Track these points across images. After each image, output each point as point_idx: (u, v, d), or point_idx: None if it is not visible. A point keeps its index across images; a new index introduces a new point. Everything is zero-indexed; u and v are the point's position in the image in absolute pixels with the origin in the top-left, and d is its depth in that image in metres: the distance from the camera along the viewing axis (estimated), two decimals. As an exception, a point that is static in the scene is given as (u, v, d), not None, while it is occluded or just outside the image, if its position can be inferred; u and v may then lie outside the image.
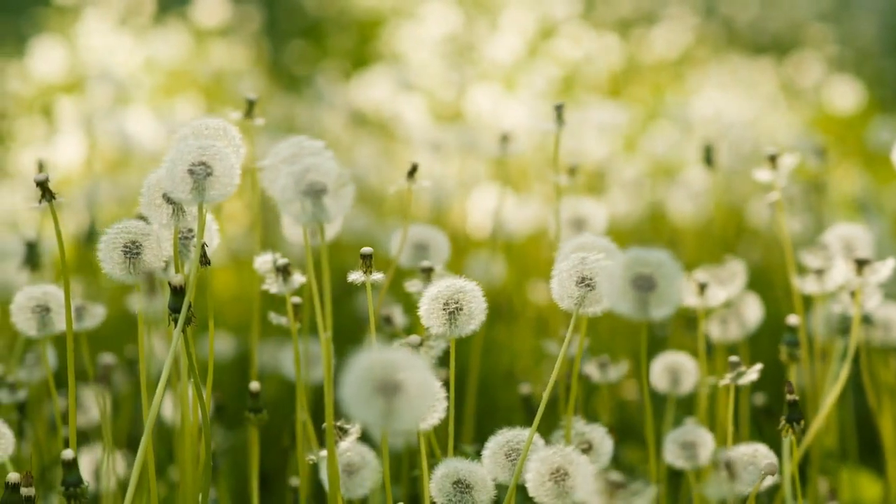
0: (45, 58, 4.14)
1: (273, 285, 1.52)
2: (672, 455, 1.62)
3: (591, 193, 2.69)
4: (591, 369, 1.78)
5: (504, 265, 2.49)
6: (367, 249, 1.43)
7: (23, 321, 1.55)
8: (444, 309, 1.43)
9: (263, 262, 1.54)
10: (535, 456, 1.37)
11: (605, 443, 1.54)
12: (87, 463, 1.79)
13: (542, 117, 2.94)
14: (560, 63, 3.60)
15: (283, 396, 2.39)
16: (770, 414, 1.91)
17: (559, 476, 1.36)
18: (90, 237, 2.55)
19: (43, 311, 1.54)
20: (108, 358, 1.21)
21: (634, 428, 2.27)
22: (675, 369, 1.76)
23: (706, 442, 1.62)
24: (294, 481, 1.71)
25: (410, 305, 1.83)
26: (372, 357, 1.07)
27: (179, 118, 3.00)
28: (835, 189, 3.06)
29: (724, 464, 1.19)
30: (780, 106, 3.65)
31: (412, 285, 1.57)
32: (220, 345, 2.50)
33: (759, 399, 1.89)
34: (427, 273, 1.58)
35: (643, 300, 1.22)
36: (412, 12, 4.99)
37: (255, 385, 1.56)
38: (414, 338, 1.55)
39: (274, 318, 1.57)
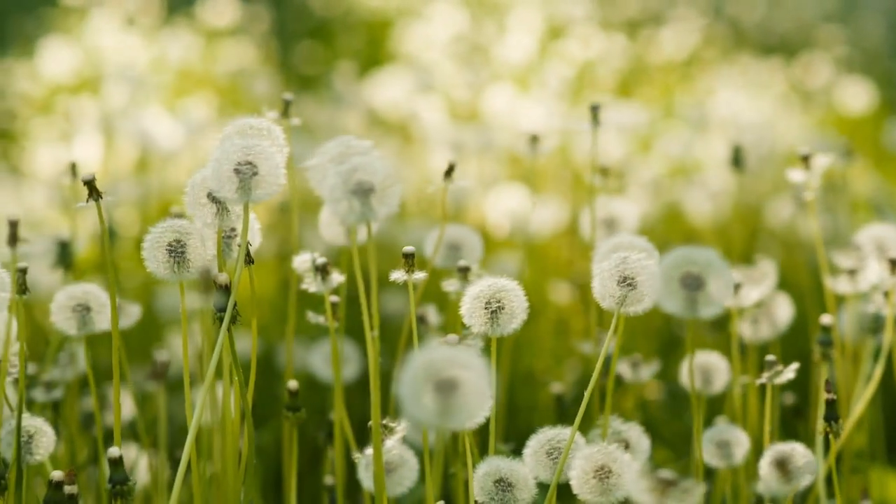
0: (55, 58, 4.14)
1: (312, 284, 1.53)
2: (708, 454, 1.62)
3: (609, 194, 2.70)
4: (623, 369, 1.79)
5: (524, 265, 2.50)
6: (409, 248, 1.44)
7: (62, 321, 1.55)
8: (485, 308, 1.43)
9: (302, 261, 1.55)
10: (579, 454, 1.38)
11: (641, 441, 1.55)
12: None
13: (559, 117, 2.95)
14: (571, 63, 3.60)
15: (305, 395, 2.39)
16: (798, 413, 1.92)
17: (603, 474, 1.37)
18: (110, 237, 2.54)
19: (83, 310, 1.54)
20: (163, 354, 1.22)
21: (657, 427, 2.28)
22: (707, 369, 1.77)
23: (741, 441, 1.63)
24: (329, 480, 1.71)
25: (444, 305, 1.85)
26: (430, 355, 1.08)
27: (196, 118, 3.00)
28: (849, 189, 3.07)
29: (776, 462, 1.20)
30: (791, 107, 3.65)
31: (449, 284, 1.58)
32: (241, 344, 2.50)
33: (788, 399, 1.90)
34: (464, 272, 1.58)
35: (692, 299, 1.23)
36: (419, 12, 4.99)
37: (293, 384, 1.56)
38: (452, 337, 1.56)
39: (312, 317, 1.58)
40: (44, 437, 1.49)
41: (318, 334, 2.33)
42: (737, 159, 2.09)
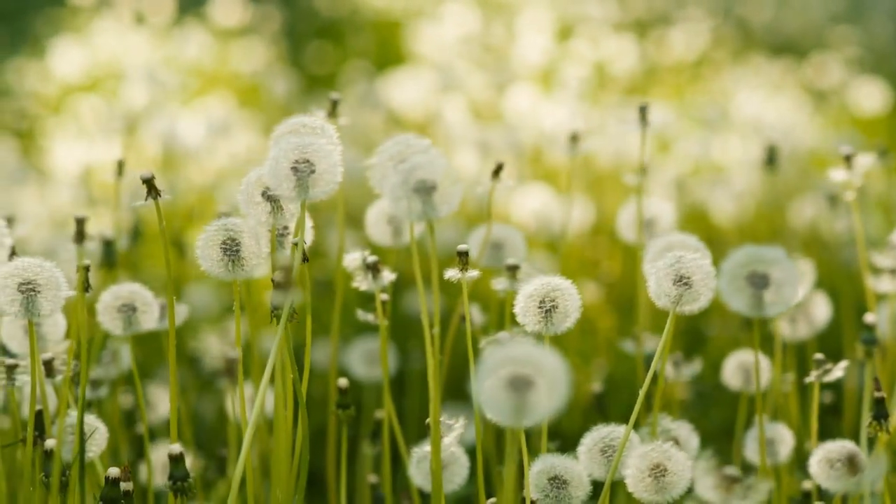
0: (66, 57, 4.14)
1: (363, 282, 1.53)
2: (753, 452, 1.63)
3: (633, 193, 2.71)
4: (667, 367, 1.80)
5: (551, 264, 2.50)
6: (463, 246, 1.44)
7: (109, 321, 1.56)
8: (539, 307, 1.44)
9: (352, 259, 1.55)
10: (634, 452, 1.38)
11: (691, 439, 1.56)
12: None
13: (583, 118, 2.96)
14: (586, 64, 3.61)
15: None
16: (835, 412, 1.93)
17: (658, 472, 1.37)
18: (134, 236, 2.55)
19: (129, 310, 1.55)
20: (233, 352, 1.22)
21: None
22: (748, 368, 1.78)
23: (786, 439, 1.64)
24: (372, 478, 1.72)
25: (485, 304, 1.85)
26: (506, 352, 1.08)
27: (219, 117, 3.01)
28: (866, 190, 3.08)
29: (847, 459, 1.20)
30: (805, 107, 3.66)
31: (498, 283, 1.58)
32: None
33: (826, 397, 1.91)
34: (512, 271, 1.59)
35: (758, 297, 1.24)
36: (427, 12, 5.00)
37: (343, 381, 1.57)
38: (503, 335, 1.56)
39: (361, 315, 1.58)
40: (97, 434, 1.49)
41: (349, 333, 2.33)
42: (771, 159, 2.09)
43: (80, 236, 1.33)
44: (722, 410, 2.24)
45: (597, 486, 1.45)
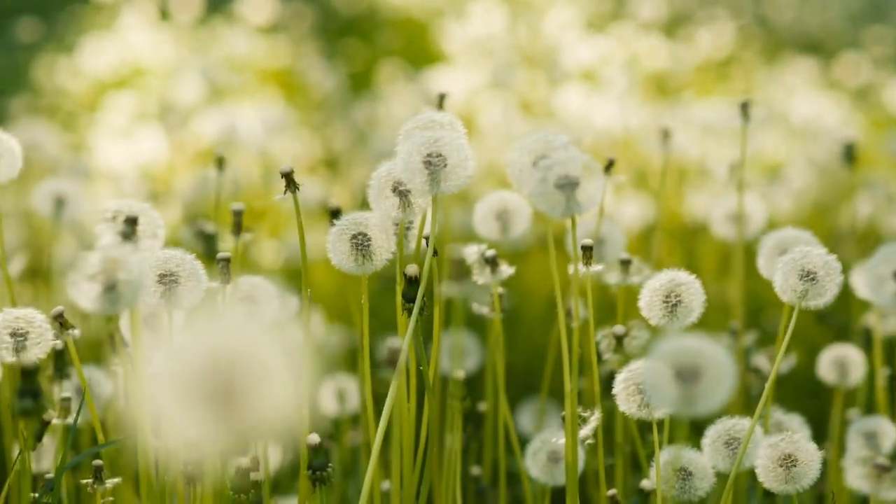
0: (96, 54, 4.15)
1: (481, 276, 1.54)
2: (856, 445, 1.65)
3: (692, 191, 2.73)
4: (762, 361, 1.82)
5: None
6: (587, 241, 1.46)
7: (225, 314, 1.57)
8: (664, 301, 1.46)
9: (470, 252, 1.57)
10: (764, 443, 1.40)
11: (803, 431, 1.58)
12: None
13: (636, 115, 2.98)
14: (632, 62, 3.63)
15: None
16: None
17: (789, 462, 1.40)
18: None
19: (251, 303, 1.56)
20: (395, 342, 1.23)
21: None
22: (843, 362, 1.80)
23: (888, 432, 1.66)
24: (476, 470, 1.74)
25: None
26: (674, 343, 1.10)
27: (273, 113, 3.02)
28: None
29: None
30: (844, 106, 3.69)
31: (611, 277, 1.60)
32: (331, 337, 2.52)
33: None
34: (625, 265, 1.61)
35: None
36: (449, 11, 5.02)
37: (460, 373, 1.59)
38: (618, 328, 1.58)
39: (476, 308, 1.60)
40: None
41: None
42: (849, 155, 2.12)
43: (238, 228, 1.34)
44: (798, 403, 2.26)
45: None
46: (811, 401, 2.31)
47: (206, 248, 1.77)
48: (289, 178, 1.38)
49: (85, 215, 2.22)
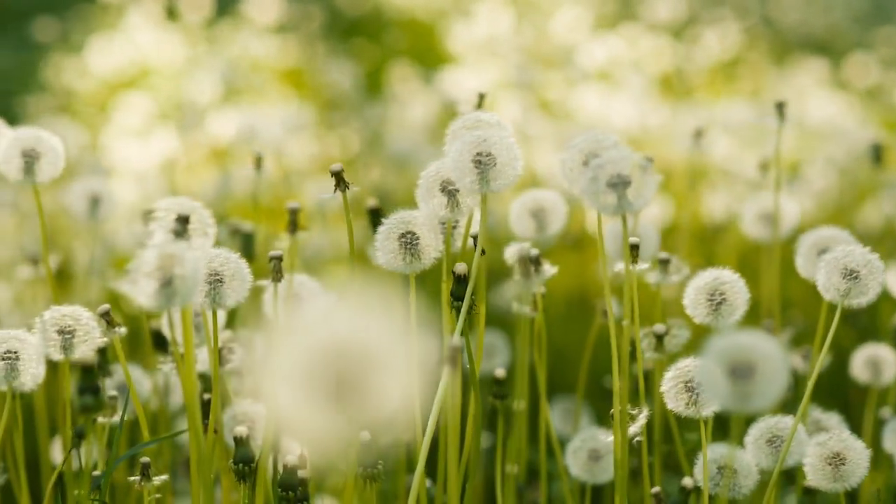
0: (104, 54, 4.15)
1: (522, 275, 1.55)
2: (892, 443, 1.67)
3: (711, 192, 2.74)
4: (795, 360, 1.83)
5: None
6: (634, 240, 1.47)
7: (273, 312, 1.57)
8: (709, 300, 1.47)
9: (511, 252, 1.57)
10: (813, 441, 1.42)
11: (841, 429, 1.59)
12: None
13: (649, 116, 2.99)
14: (647, 63, 3.65)
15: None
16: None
17: (837, 461, 1.41)
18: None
19: (296, 300, 1.57)
20: (455, 340, 1.24)
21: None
22: (876, 361, 1.81)
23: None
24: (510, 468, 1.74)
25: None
26: (728, 340, 1.11)
27: (294, 113, 3.03)
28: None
29: None
30: (856, 107, 3.71)
31: (651, 276, 1.61)
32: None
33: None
34: (664, 264, 1.62)
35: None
36: (453, 11, 5.02)
37: (501, 371, 1.59)
38: (659, 327, 1.59)
39: (516, 307, 1.61)
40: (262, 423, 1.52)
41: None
42: (877, 156, 2.13)
43: (294, 227, 1.35)
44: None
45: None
46: (833, 400, 2.32)
47: (243, 246, 1.77)
48: (339, 176, 1.39)
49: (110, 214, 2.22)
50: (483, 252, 1.45)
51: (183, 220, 1.32)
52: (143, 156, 3.17)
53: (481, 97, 1.72)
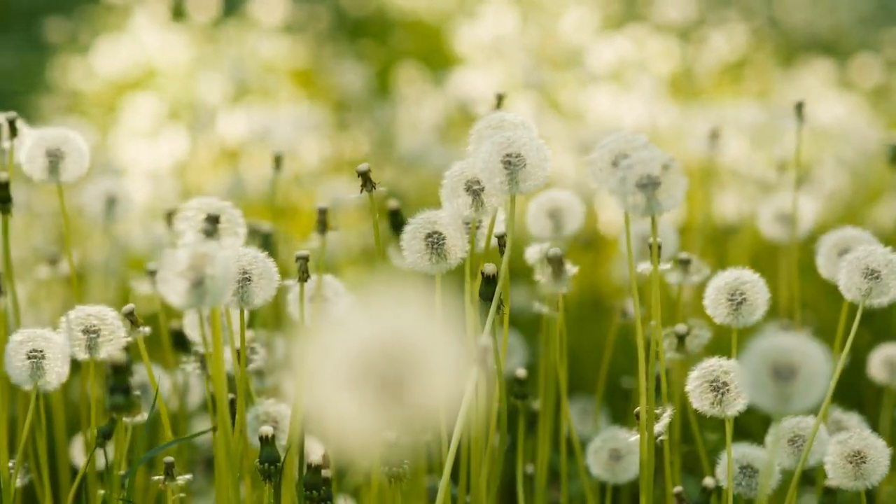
0: (112, 55, 4.15)
1: (543, 275, 1.56)
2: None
3: (722, 192, 2.75)
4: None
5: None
6: (658, 240, 1.47)
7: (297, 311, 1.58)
8: (729, 299, 1.47)
9: (533, 252, 1.58)
10: (834, 439, 1.43)
11: (862, 429, 1.59)
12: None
13: (661, 116, 3.00)
14: (657, 64, 3.65)
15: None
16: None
17: (858, 459, 1.41)
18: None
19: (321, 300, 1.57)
20: (485, 339, 1.25)
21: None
22: (894, 362, 1.82)
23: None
24: (529, 469, 1.75)
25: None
26: (770, 342, 1.11)
27: (307, 114, 3.03)
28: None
29: None
30: (863, 108, 3.72)
31: (672, 276, 1.62)
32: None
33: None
34: (684, 265, 1.62)
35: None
36: (458, 12, 5.03)
37: (521, 371, 1.60)
38: (680, 327, 1.60)
39: (539, 308, 1.61)
40: (285, 423, 1.52)
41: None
42: (894, 157, 2.14)
43: (323, 226, 1.36)
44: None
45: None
46: (847, 401, 2.33)
47: (262, 246, 1.78)
48: (365, 176, 1.39)
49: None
50: (502, 252, 1.46)
51: (213, 220, 1.32)
52: (152, 156, 3.18)
53: (500, 98, 1.73)
